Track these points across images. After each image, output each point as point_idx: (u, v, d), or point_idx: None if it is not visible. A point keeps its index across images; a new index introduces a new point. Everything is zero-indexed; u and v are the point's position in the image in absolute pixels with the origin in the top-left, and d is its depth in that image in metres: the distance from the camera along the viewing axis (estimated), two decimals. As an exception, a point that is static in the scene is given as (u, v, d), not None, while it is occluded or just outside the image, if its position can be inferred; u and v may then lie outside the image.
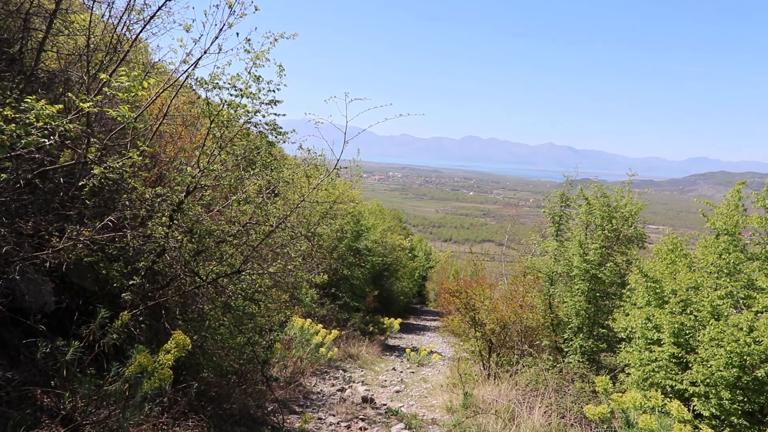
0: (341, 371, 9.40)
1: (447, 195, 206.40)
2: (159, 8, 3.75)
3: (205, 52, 3.73)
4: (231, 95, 4.01)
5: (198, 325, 4.51)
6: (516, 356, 8.08)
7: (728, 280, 5.07)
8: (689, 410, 4.53)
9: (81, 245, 3.24)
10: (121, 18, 3.91)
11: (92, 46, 3.77)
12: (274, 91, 4.11)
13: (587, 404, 4.96)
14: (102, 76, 3.11)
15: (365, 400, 7.26)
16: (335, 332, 9.46)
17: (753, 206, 5.48)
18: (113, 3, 3.88)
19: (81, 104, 2.85)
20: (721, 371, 4.39)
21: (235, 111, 4.10)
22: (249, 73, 3.99)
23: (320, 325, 9.42)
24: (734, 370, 4.37)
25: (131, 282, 3.71)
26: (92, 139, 3.40)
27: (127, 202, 3.86)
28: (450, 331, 12.22)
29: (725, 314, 4.80)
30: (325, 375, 8.78)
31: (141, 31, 3.92)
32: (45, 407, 3.00)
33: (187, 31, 3.62)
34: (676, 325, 5.00)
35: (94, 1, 3.73)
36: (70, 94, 3.19)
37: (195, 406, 4.38)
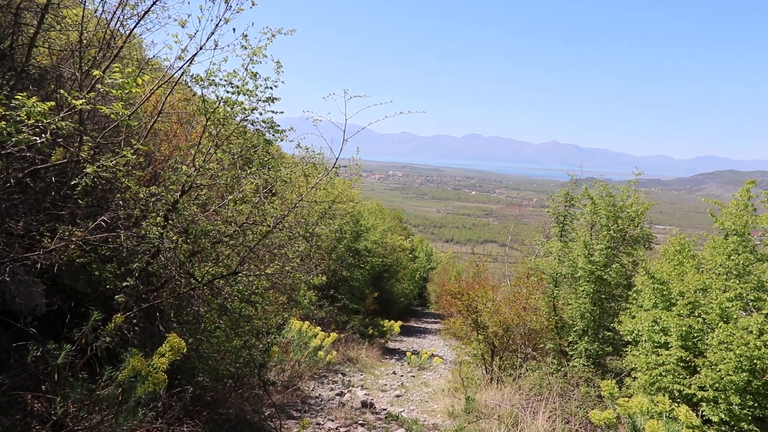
0: (340, 375, 9.40)
1: (448, 194, 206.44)
2: (153, 3, 3.75)
3: (201, 48, 3.73)
4: (227, 92, 4.01)
5: (193, 328, 4.51)
6: (519, 360, 8.08)
7: (737, 282, 5.07)
8: (698, 416, 4.53)
9: (73, 246, 3.23)
10: (115, 13, 3.91)
11: (85, 42, 3.77)
12: (272, 88, 4.11)
13: (592, 409, 4.96)
14: (95, 73, 3.10)
15: (365, 405, 7.26)
16: (334, 335, 9.46)
17: (763, 206, 5.48)
18: (106, -3, 3.89)
19: (73, 101, 2.84)
20: (731, 375, 4.39)
21: (232, 108, 4.10)
22: (246, 70, 3.99)
23: (319, 328, 9.42)
24: (744, 375, 4.37)
25: (125, 284, 3.70)
26: (85, 137, 3.40)
27: (121, 202, 3.85)
28: (452, 334, 12.22)
29: (734, 317, 4.80)
30: (324, 379, 8.78)
31: (135, 27, 3.92)
32: (35, 413, 2.99)
33: (183, 27, 3.62)
34: (684, 328, 4.99)
35: (87, -4, 3.73)
36: (62, 91, 3.19)
37: (190, 411, 4.37)
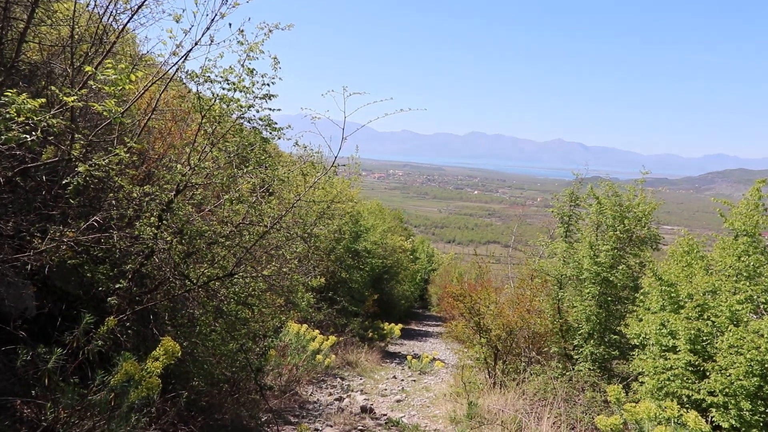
0: (339, 379, 9.39)
1: (450, 194, 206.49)
2: (147, -3, 3.73)
3: (196, 44, 3.72)
4: (223, 89, 4.00)
5: (188, 331, 4.50)
6: (523, 364, 8.07)
7: (748, 284, 5.05)
8: (707, 421, 4.51)
9: (64, 247, 3.22)
10: (107, 7, 3.90)
11: (76, 37, 3.76)
12: (269, 85, 4.11)
13: (598, 415, 4.94)
14: (87, 69, 3.09)
15: (364, 410, 7.25)
16: (333, 338, 9.45)
17: (774, 206, 5.46)
18: (99, -9, 3.87)
19: (65, 98, 2.83)
20: (741, 380, 4.37)
21: (228, 106, 4.09)
22: (242, 66, 3.98)
23: (317, 331, 9.41)
24: (755, 380, 4.35)
25: (117, 285, 3.69)
26: (77, 135, 3.38)
27: (114, 202, 3.84)
28: (453, 337, 12.20)
29: (745, 320, 4.78)
30: (322, 383, 8.77)
31: (128, 22, 3.91)
32: (25, 419, 2.98)
33: (177, 22, 3.60)
34: (693, 332, 4.98)
35: (79, -10, 3.72)
36: (53, 88, 3.18)
37: (184, 417, 4.36)
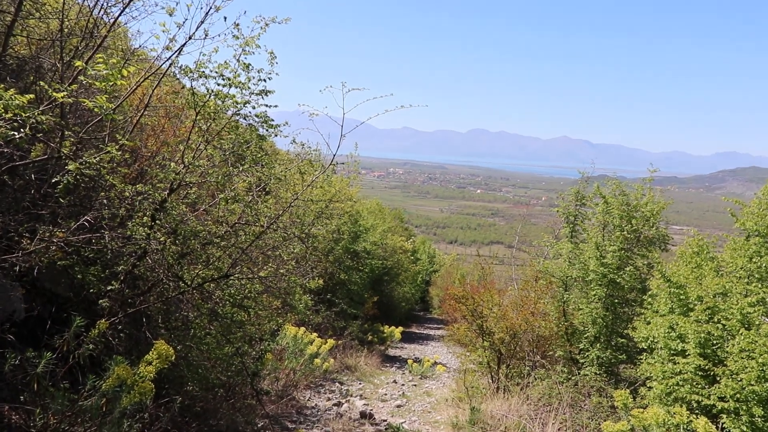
0: (338, 384, 9.39)
1: (452, 193, 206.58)
2: (139, -11, 3.72)
3: (190, 38, 3.71)
4: (218, 85, 3.99)
5: (182, 334, 4.49)
6: (527, 368, 8.06)
7: (760, 286, 5.04)
8: (717, 428, 4.50)
9: (54, 247, 3.21)
10: (98, 0, 3.89)
11: (66, 31, 3.75)
12: (266, 81, 4.10)
13: (605, 421, 4.93)
14: (77, 64, 3.08)
15: (364, 416, 7.24)
16: (331, 342, 9.45)
17: (787, 205, 5.43)
18: (90, -17, 3.86)
19: (54, 94, 2.82)
20: (753, 385, 4.36)
21: (223, 102, 4.08)
22: (238, 61, 3.97)
23: (315, 334, 9.40)
24: (767, 385, 4.34)
25: (109, 287, 3.68)
26: (67, 132, 3.37)
27: (105, 201, 3.83)
28: (455, 341, 12.20)
29: (757, 323, 4.77)
30: (321, 388, 8.77)
31: (120, 15, 3.90)
32: (13, 425, 2.97)
33: (171, 15, 3.60)
34: (703, 335, 4.97)
35: (69, -18, 3.71)
36: (42, 83, 3.16)
37: (178, 423, 4.35)
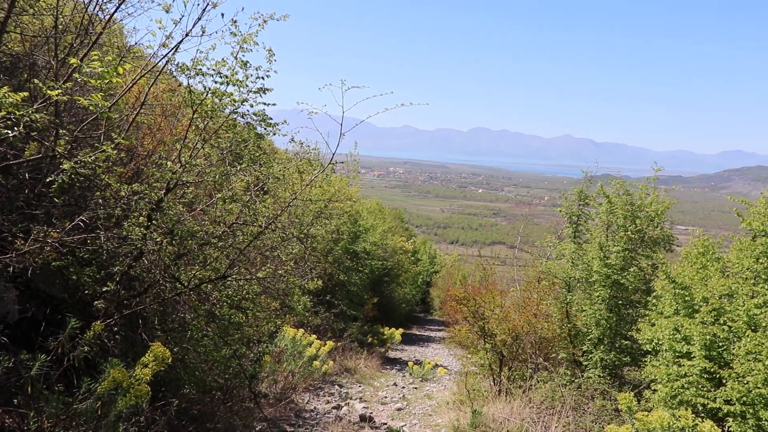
0: (337, 387, 9.39)
1: (453, 192, 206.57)
2: (135, -15, 3.73)
3: (187, 35, 3.71)
4: (215, 82, 4.00)
5: (179, 336, 4.49)
6: (530, 370, 8.06)
7: (766, 287, 5.04)
8: (723, 431, 4.51)
9: (48, 248, 3.21)
10: (94, -4, 3.89)
11: (61, 28, 3.75)
12: (264, 78, 4.10)
13: (609, 424, 4.94)
14: (72, 61, 3.08)
15: (363, 419, 7.25)
16: (330, 344, 9.45)
17: (794, 205, 5.41)
18: (85, -21, 3.86)
19: (48, 92, 2.82)
20: (760, 388, 4.36)
21: (220, 100, 4.08)
22: (235, 58, 3.97)
23: (314, 336, 9.40)
24: (773, 387, 4.34)
25: (105, 288, 3.68)
26: (61, 131, 3.37)
27: (101, 201, 3.83)
28: (457, 343, 12.20)
29: (763, 325, 4.77)
30: (320, 391, 8.77)
31: (115, 11, 3.90)
32: (7, 429, 2.97)
33: (167, 12, 3.59)
34: (708, 337, 4.97)
35: (64, -22, 3.71)
36: (37, 81, 3.16)
37: (175, 426, 4.36)
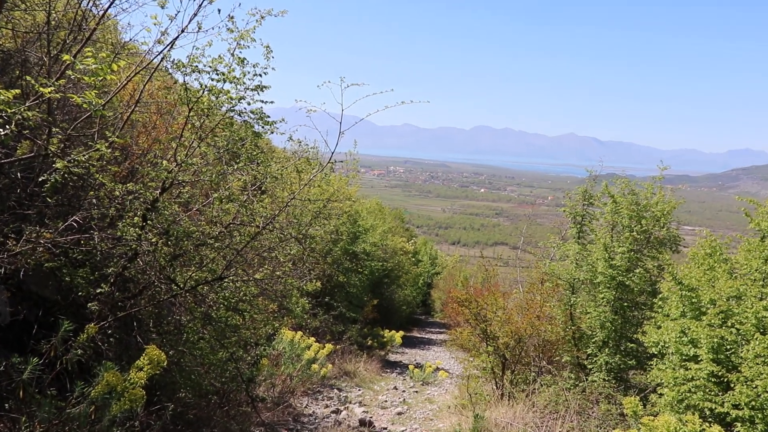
0: (336, 390, 9.38)
1: (455, 192, 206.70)
2: (130, -20, 3.72)
3: (183, 31, 3.70)
4: (212, 80, 3.98)
5: (174, 339, 4.49)
6: (533, 374, 8.05)
7: (775, 289, 5.03)
8: (731, 436, 4.50)
9: (41, 249, 3.20)
10: (87, -9, 3.88)
11: (53, 23, 3.74)
12: (261, 76, 4.09)
13: (614, 429, 4.93)
14: (65, 58, 3.07)
15: (363, 424, 7.24)
16: (329, 346, 9.45)
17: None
18: (78, -26, 3.85)
19: (41, 89, 2.81)
20: (768, 392, 4.35)
21: (217, 98, 4.07)
22: (232, 55, 3.96)
23: (312, 339, 9.40)
24: (783, 392, 4.33)
25: (98, 290, 3.68)
26: (54, 129, 3.36)
27: (94, 200, 3.83)
28: (458, 346, 12.18)
29: (772, 327, 4.76)
30: (318, 395, 8.76)
31: (109, 7, 3.88)
32: (-1, 433, 2.96)
33: (162, 7, 3.58)
34: (716, 340, 4.96)
35: (57, -28, 3.70)
36: (29, 78, 3.16)
37: (171, 431, 4.35)
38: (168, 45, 3.75)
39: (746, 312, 4.92)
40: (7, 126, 2.65)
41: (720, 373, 4.87)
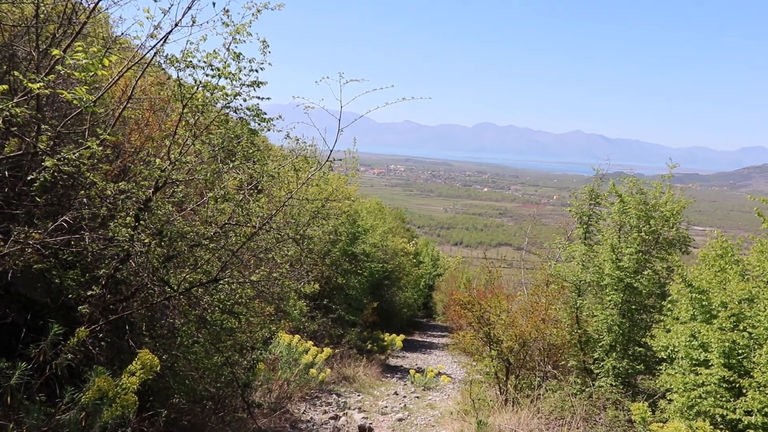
0: (335, 396, 9.38)
1: (457, 191, 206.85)
2: (121, -28, 3.71)
3: (177, 25, 3.69)
4: (207, 75, 3.98)
5: (168, 343, 4.49)
6: (538, 379, 8.05)
7: (788, 292, 5.03)
8: (742, 443, 4.49)
9: (30, 250, 3.20)
10: (78, -16, 3.87)
11: (42, 17, 3.73)
12: (257, 71, 4.08)
13: (622, 436, 4.92)
14: (54, 52, 3.06)
15: (363, 430, 7.24)
16: (328, 350, 9.44)
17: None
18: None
19: (30, 84, 2.81)
20: (781, 398, 4.35)
21: (212, 94, 4.07)
22: (227, 50, 3.96)
23: (311, 343, 9.39)
24: (796, 397, 4.33)
25: (89, 293, 3.67)
26: (43, 126, 3.36)
27: (85, 200, 3.82)
28: (461, 350, 12.17)
29: (785, 331, 4.76)
30: (316, 400, 8.76)
31: (100, 0, 3.87)
32: (-14, 441, 2.96)
33: (155, 0, 3.58)
34: (727, 344, 4.95)
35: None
36: (17, 73, 3.15)
37: (164, 438, 4.34)
38: (161, 39, 3.75)
39: (759, 315, 4.92)
40: (-5, 123, 2.65)
41: (731, 379, 4.87)
